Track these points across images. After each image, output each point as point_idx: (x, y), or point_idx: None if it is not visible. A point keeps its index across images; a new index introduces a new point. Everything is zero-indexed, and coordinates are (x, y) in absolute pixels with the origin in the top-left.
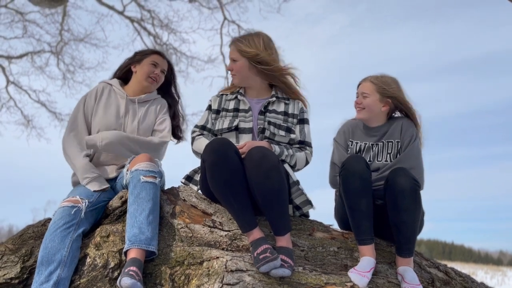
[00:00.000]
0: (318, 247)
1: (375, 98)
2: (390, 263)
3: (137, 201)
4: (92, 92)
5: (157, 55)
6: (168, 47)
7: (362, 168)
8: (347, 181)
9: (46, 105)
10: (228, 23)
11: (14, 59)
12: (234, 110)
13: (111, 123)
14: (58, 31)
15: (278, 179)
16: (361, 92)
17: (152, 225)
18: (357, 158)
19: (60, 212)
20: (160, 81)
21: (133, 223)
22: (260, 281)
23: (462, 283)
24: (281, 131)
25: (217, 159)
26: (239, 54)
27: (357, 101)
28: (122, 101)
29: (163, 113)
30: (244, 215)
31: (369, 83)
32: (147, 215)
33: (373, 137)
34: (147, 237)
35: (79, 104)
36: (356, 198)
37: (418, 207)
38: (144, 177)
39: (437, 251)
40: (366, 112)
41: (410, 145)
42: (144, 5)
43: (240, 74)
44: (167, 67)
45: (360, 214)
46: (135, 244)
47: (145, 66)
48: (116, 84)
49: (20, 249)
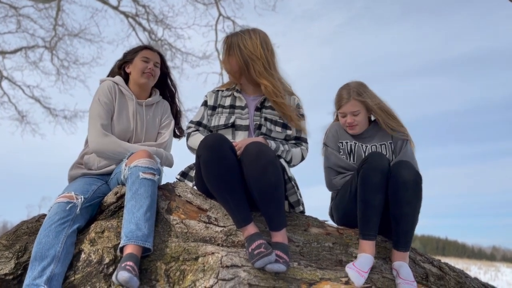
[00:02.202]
0: (313, 242)
1: (363, 112)
2: (385, 258)
3: (135, 197)
4: (104, 91)
5: (145, 50)
6: (163, 43)
7: (384, 164)
8: (368, 175)
9: (41, 100)
10: (223, 19)
11: (7, 54)
12: (230, 107)
13: (125, 129)
14: (52, 26)
15: (275, 174)
16: (350, 112)
17: (149, 222)
18: (380, 154)
19: (55, 208)
20: (157, 75)
21: (130, 219)
22: (255, 276)
23: (455, 278)
24: (278, 127)
25: (212, 154)
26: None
27: (349, 121)
28: (131, 103)
29: (166, 116)
30: (239, 210)
31: (354, 101)
32: (144, 211)
33: (361, 138)
34: (144, 233)
35: (95, 107)
36: (373, 193)
37: (419, 200)
38: (143, 173)
39: (431, 246)
40: (360, 128)
41: (404, 147)
42: (138, 0)
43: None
44: (159, 60)
45: (372, 209)
46: (131, 240)
47: (137, 64)
48: (122, 83)
49: (14, 245)
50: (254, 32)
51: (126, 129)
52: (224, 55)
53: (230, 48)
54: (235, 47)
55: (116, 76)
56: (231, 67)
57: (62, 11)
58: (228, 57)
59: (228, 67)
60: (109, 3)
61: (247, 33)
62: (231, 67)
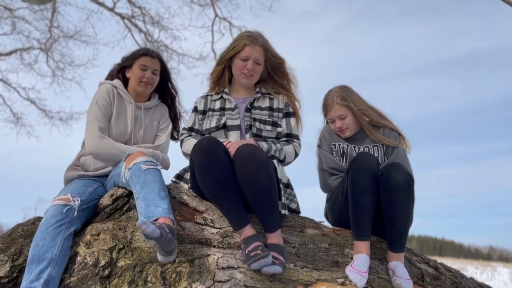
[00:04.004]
0: (309, 243)
1: (350, 115)
2: (381, 259)
3: (145, 186)
4: (102, 95)
5: (144, 57)
6: (159, 44)
7: (373, 165)
8: (357, 176)
9: (36, 102)
10: (219, 20)
11: (2, 56)
12: (220, 109)
13: (123, 132)
14: (48, 28)
15: (267, 176)
16: (337, 116)
17: (166, 199)
18: (368, 155)
19: (52, 211)
20: (155, 83)
21: (147, 203)
22: (252, 278)
23: (451, 278)
24: (267, 126)
25: (205, 159)
26: (264, 58)
27: (338, 126)
28: (130, 106)
29: (164, 119)
30: (235, 212)
31: (338, 105)
32: (158, 192)
33: (354, 140)
34: (164, 208)
35: (93, 109)
36: (363, 193)
37: (412, 202)
38: (145, 165)
39: (428, 246)
40: (350, 130)
41: (396, 149)
42: (134, 2)
43: (258, 76)
44: (159, 66)
45: (363, 210)
46: (152, 218)
47: (135, 71)
48: (121, 86)
49: (9, 248)
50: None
51: (124, 132)
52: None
53: (263, 55)
54: (272, 55)
55: (115, 79)
56: (259, 71)
57: (58, 13)
58: (258, 66)
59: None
60: (105, 4)
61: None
62: (259, 72)
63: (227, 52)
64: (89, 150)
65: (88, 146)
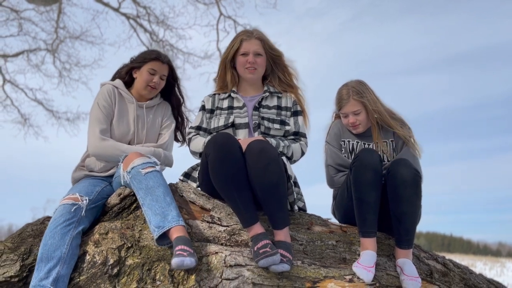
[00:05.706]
0: (316, 241)
1: (365, 111)
2: (389, 255)
3: (149, 192)
4: (103, 96)
5: (155, 62)
6: (164, 44)
7: (375, 161)
8: (359, 173)
9: (43, 103)
10: (224, 19)
11: (10, 58)
12: (228, 108)
13: (125, 132)
14: (54, 29)
15: (277, 173)
16: (351, 112)
17: (173, 204)
18: (370, 151)
19: (60, 210)
20: (160, 87)
21: (154, 212)
22: (259, 275)
23: (460, 275)
24: (276, 125)
25: (221, 154)
26: (263, 49)
27: (352, 121)
28: (131, 106)
29: (167, 117)
30: (246, 210)
31: (354, 100)
32: (163, 198)
33: (363, 137)
34: (173, 215)
35: (94, 111)
36: (366, 190)
37: (419, 198)
38: (143, 169)
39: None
40: (363, 127)
41: (405, 146)
42: (139, 2)
43: (262, 69)
44: (167, 71)
45: (367, 206)
46: (163, 228)
47: (143, 74)
48: (122, 87)
49: (19, 248)
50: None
51: (127, 132)
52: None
53: (262, 48)
54: (268, 47)
55: (116, 79)
56: (262, 63)
57: (63, 14)
58: (260, 58)
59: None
60: (110, 5)
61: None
62: (262, 64)
63: (227, 54)
64: (91, 152)
65: (90, 148)
